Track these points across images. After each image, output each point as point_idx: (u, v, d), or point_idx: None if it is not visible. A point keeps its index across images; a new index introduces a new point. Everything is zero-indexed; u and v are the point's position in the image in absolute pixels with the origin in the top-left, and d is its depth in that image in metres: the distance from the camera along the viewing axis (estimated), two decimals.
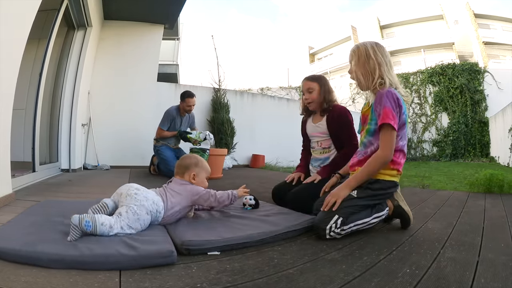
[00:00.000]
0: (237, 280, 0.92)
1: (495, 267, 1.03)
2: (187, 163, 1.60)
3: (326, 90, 2.09)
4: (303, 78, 2.16)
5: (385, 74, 1.48)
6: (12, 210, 1.66)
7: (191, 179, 1.57)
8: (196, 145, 3.71)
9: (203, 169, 1.64)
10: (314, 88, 2.08)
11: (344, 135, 2.02)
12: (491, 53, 17.32)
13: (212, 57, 8.67)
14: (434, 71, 11.42)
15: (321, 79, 2.13)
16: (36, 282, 0.84)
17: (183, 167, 1.60)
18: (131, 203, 1.29)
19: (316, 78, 2.14)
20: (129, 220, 1.24)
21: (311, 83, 2.10)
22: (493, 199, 2.46)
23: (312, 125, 2.16)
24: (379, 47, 1.53)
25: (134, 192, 1.33)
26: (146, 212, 1.31)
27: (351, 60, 1.58)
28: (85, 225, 1.14)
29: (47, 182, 3.04)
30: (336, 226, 1.33)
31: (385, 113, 1.40)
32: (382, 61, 1.49)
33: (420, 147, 11.32)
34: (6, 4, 1.83)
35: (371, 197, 1.44)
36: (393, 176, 1.48)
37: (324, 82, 2.11)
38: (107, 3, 4.84)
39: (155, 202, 1.36)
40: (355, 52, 1.56)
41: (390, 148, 1.42)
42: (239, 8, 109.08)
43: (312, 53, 26.85)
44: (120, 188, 1.39)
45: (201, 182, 1.60)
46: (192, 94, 3.94)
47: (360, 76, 1.54)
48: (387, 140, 1.42)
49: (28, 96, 3.41)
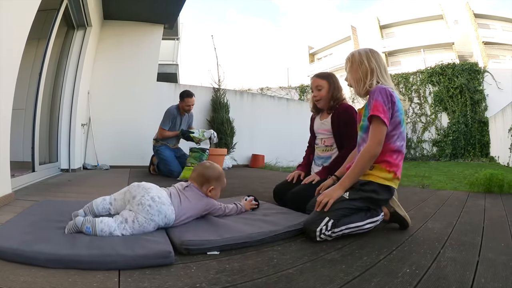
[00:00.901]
0: (237, 280, 0.91)
1: (495, 267, 1.02)
2: (209, 175, 1.55)
3: (335, 87, 2.07)
4: (313, 75, 2.16)
5: (378, 78, 1.47)
6: (11, 210, 1.66)
7: (208, 192, 1.54)
8: (197, 145, 3.70)
9: (221, 184, 1.62)
10: (323, 85, 2.07)
11: (345, 134, 1.99)
12: (491, 53, 17.33)
13: (211, 57, 8.67)
14: (434, 71, 11.42)
15: (330, 76, 2.12)
16: (35, 281, 0.84)
17: (204, 177, 1.54)
18: (141, 214, 1.25)
19: (326, 75, 2.12)
20: (133, 230, 1.23)
21: (320, 80, 2.09)
22: (493, 199, 2.46)
23: (319, 121, 2.17)
24: (373, 53, 1.52)
25: (148, 204, 1.26)
26: (154, 226, 1.28)
27: (346, 67, 1.57)
28: (85, 229, 1.18)
29: (47, 182, 3.03)
30: (327, 229, 1.30)
31: (375, 106, 1.37)
32: (375, 67, 1.48)
33: (420, 147, 11.32)
34: (5, 4, 1.83)
35: (363, 199, 1.39)
36: (388, 180, 1.41)
37: (333, 79, 2.10)
38: (107, 3, 4.83)
39: (167, 216, 1.31)
40: (349, 59, 1.56)
41: (378, 140, 1.37)
42: (238, 8, 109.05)
43: (312, 53, 26.87)
44: (134, 188, 1.35)
45: (215, 195, 1.59)
46: (191, 94, 3.93)
47: (353, 82, 1.53)
48: (375, 132, 1.38)
49: (28, 96, 3.41)
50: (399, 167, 1.44)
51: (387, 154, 1.41)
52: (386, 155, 1.41)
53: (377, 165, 1.41)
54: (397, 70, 16.29)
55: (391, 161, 1.41)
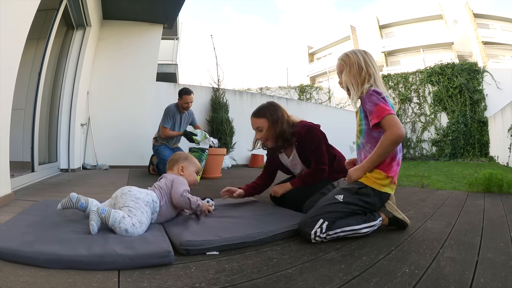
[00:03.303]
0: (236, 280, 0.91)
1: (494, 266, 1.03)
2: (177, 157, 1.68)
3: (275, 121, 1.84)
4: (251, 114, 1.92)
5: (374, 83, 1.45)
6: (11, 210, 1.66)
7: (180, 172, 1.62)
8: (197, 145, 3.71)
9: (192, 163, 1.69)
10: (262, 125, 1.86)
11: (312, 159, 1.86)
12: (491, 53, 17.33)
13: (211, 57, 8.67)
14: (433, 71, 11.44)
15: (268, 110, 1.87)
16: (35, 282, 0.84)
17: (173, 161, 1.68)
18: (128, 200, 1.32)
19: (262, 112, 1.87)
20: (137, 217, 1.26)
21: (257, 120, 1.87)
22: (492, 199, 2.46)
23: (287, 159, 1.98)
24: (369, 56, 1.50)
25: (128, 190, 1.38)
26: (144, 204, 1.35)
27: (342, 70, 1.52)
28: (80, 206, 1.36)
29: (46, 182, 3.03)
30: (322, 231, 1.28)
31: (381, 107, 1.34)
32: (373, 72, 1.46)
33: (419, 147, 11.34)
34: (5, 4, 1.83)
35: (357, 204, 1.38)
36: (385, 186, 1.40)
37: (271, 112, 1.86)
38: (106, 3, 4.83)
39: (148, 193, 1.42)
40: (345, 62, 1.50)
41: (398, 125, 1.31)
42: (233, 5, 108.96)
43: (311, 53, 26.84)
44: (114, 193, 1.42)
45: (189, 175, 1.64)
46: (189, 91, 3.92)
47: (351, 86, 1.48)
48: (390, 122, 1.32)
49: (27, 96, 3.42)
50: (396, 173, 1.45)
51: (387, 160, 1.40)
52: (386, 161, 1.40)
53: (376, 169, 1.40)
54: (396, 70, 16.31)
55: (390, 167, 1.41)
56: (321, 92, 13.45)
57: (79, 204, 1.36)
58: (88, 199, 1.39)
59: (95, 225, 1.19)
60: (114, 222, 1.20)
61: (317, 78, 24.68)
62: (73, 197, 1.36)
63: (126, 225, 1.20)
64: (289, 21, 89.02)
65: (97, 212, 1.22)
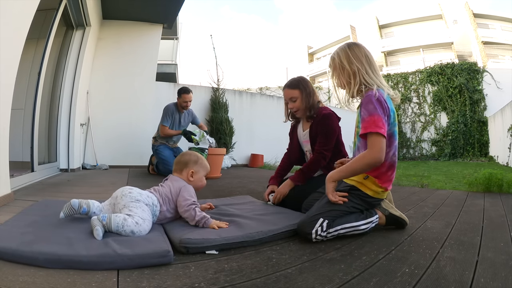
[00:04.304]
0: (235, 280, 0.91)
1: (494, 266, 1.02)
2: (186, 160, 1.56)
3: (308, 94, 1.96)
4: (283, 86, 2.04)
5: (365, 78, 1.39)
6: (11, 210, 1.65)
7: (189, 177, 1.53)
8: (196, 145, 3.71)
9: (202, 167, 1.59)
10: (296, 96, 1.97)
11: (317, 141, 1.91)
12: (490, 53, 17.34)
13: (210, 57, 8.67)
14: (433, 71, 11.45)
15: (300, 83, 1.99)
16: (34, 281, 0.84)
17: (182, 163, 1.55)
18: (128, 201, 1.31)
19: (296, 83, 1.99)
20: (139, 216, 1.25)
21: (292, 91, 1.98)
22: (492, 199, 2.46)
23: (302, 132, 2.08)
24: (352, 51, 1.43)
25: (128, 191, 1.36)
26: (145, 204, 1.34)
27: (333, 74, 1.51)
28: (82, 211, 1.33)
29: (46, 182, 3.03)
30: (322, 230, 1.29)
31: (373, 121, 1.29)
32: (357, 68, 1.39)
33: (419, 147, 11.34)
34: (5, 4, 1.82)
35: (354, 203, 1.39)
36: (377, 193, 1.42)
37: (304, 85, 1.98)
38: (106, 3, 4.83)
39: (149, 196, 1.39)
40: (331, 66, 1.50)
41: (380, 149, 1.28)
42: (232, 4, 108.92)
43: (311, 53, 26.84)
44: (114, 193, 1.40)
45: (199, 180, 1.57)
46: (188, 90, 3.92)
47: (342, 86, 1.48)
48: (374, 141, 1.29)
49: (27, 96, 3.41)
50: (391, 181, 1.45)
51: (383, 170, 1.40)
52: (381, 171, 1.40)
53: (371, 177, 1.40)
54: (396, 69, 16.31)
55: (385, 178, 1.41)
56: (321, 92, 13.46)
57: (82, 210, 1.33)
58: (89, 202, 1.36)
59: (99, 230, 1.14)
60: (117, 227, 1.17)
61: (317, 78, 24.69)
62: (74, 205, 1.32)
63: (130, 226, 1.19)
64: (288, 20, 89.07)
65: (99, 220, 1.18)
